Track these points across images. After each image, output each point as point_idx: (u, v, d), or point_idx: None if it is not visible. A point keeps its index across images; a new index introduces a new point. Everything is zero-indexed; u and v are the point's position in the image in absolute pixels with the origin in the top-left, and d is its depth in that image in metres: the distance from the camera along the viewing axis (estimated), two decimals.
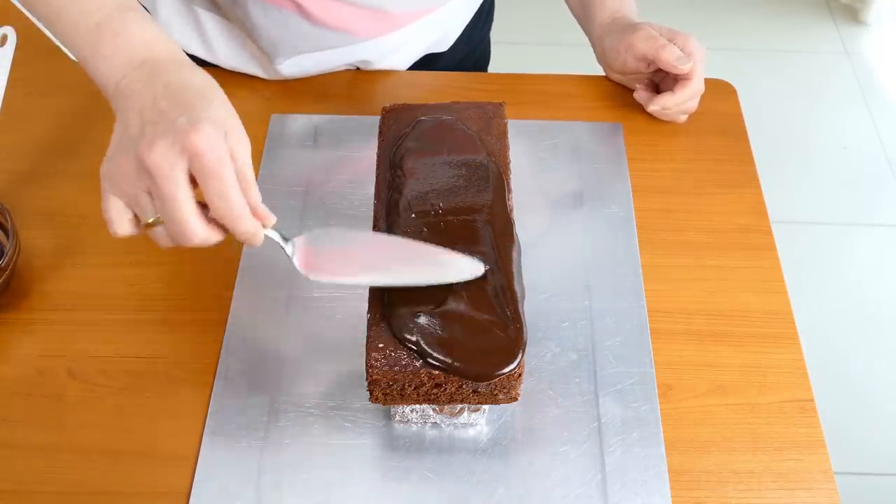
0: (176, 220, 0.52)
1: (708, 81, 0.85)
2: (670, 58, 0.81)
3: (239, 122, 0.55)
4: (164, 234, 0.55)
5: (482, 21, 1.03)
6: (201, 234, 0.53)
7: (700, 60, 0.82)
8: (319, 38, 0.83)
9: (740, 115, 0.88)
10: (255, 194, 0.55)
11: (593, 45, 0.91)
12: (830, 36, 2.30)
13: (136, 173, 0.52)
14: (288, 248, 0.58)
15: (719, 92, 0.90)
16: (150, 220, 0.54)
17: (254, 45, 0.86)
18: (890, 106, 2.12)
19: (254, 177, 0.55)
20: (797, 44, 2.28)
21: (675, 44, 0.82)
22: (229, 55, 0.88)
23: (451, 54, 0.98)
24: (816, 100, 2.13)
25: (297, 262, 0.58)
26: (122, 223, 0.55)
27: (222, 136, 0.52)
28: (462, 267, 0.58)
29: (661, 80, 0.86)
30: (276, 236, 0.58)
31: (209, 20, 0.86)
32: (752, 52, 2.24)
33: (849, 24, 2.33)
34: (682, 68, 0.81)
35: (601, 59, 0.90)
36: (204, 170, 0.51)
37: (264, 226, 0.56)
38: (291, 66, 0.87)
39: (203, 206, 0.54)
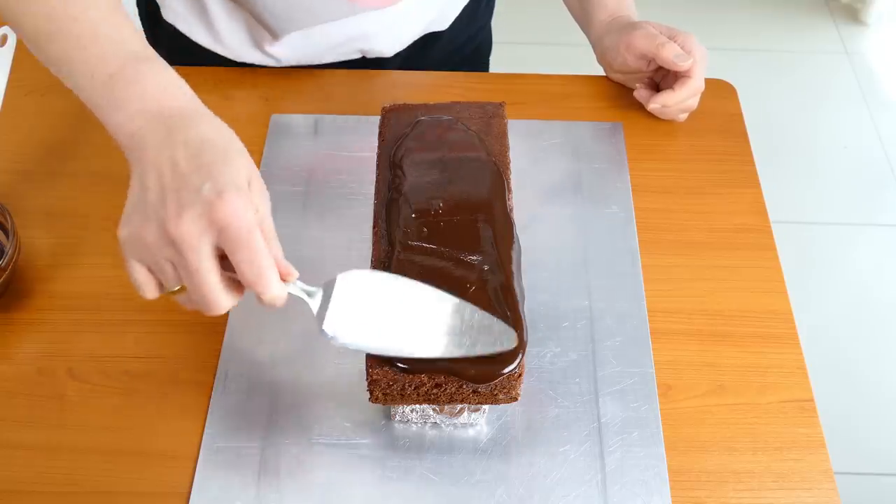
0: (202, 293, 0.51)
1: (708, 81, 0.85)
2: (669, 55, 0.81)
3: (258, 174, 0.54)
4: (188, 300, 0.54)
5: (482, 5, 1.03)
6: (226, 304, 0.53)
7: (701, 59, 0.82)
8: (321, 6, 0.83)
9: (740, 115, 0.88)
10: (277, 248, 0.54)
11: (593, 46, 0.91)
12: (830, 36, 2.30)
13: (159, 243, 0.51)
14: (313, 305, 0.55)
15: (719, 92, 0.90)
16: (176, 289, 0.53)
17: (257, 27, 0.86)
18: (890, 106, 2.12)
19: (274, 230, 0.54)
20: (797, 44, 2.28)
21: (675, 42, 0.82)
22: (232, 38, 0.88)
23: (451, 35, 0.98)
24: (816, 100, 2.13)
25: (320, 321, 0.54)
26: (150, 288, 0.54)
27: (248, 201, 0.51)
28: (496, 336, 0.55)
29: (662, 79, 0.86)
30: (300, 292, 0.54)
31: (212, 1, 0.86)
32: (752, 52, 2.24)
33: (849, 24, 2.33)
34: (681, 65, 0.81)
35: (601, 58, 0.90)
36: (232, 240, 0.50)
37: (285, 280, 0.54)
38: (293, 49, 0.87)
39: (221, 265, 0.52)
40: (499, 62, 1.13)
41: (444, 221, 0.62)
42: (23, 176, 0.81)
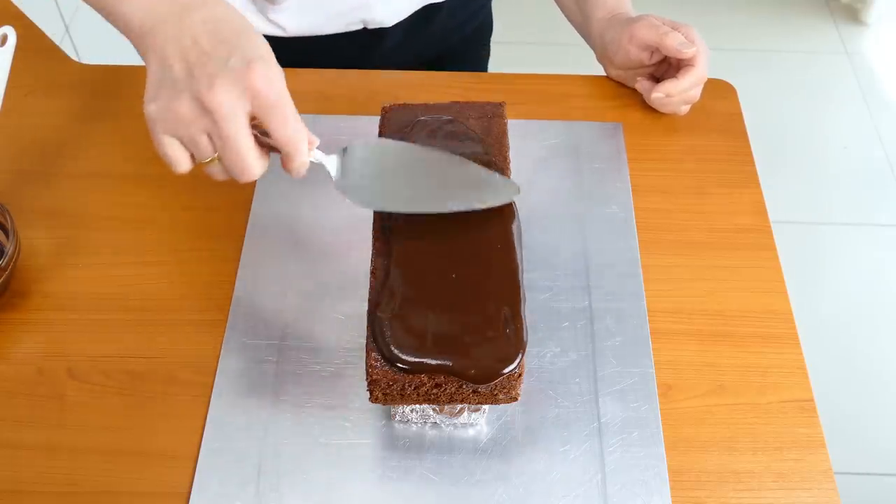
0: (238, 158, 0.55)
1: (708, 81, 0.85)
2: (674, 43, 0.81)
3: (272, 52, 0.56)
4: (220, 171, 0.57)
5: None
6: (259, 169, 0.56)
7: (704, 50, 0.82)
8: None
9: (740, 115, 0.88)
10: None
11: (593, 44, 0.91)
12: (830, 36, 2.30)
13: (194, 114, 0.53)
14: (332, 172, 0.59)
15: (719, 92, 0.90)
16: (208, 160, 0.56)
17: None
18: (890, 106, 2.12)
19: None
20: (797, 44, 2.28)
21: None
22: (237, 6, 0.88)
23: (450, 9, 0.98)
24: (816, 100, 2.13)
25: (338, 185, 0.59)
26: (183, 162, 0.56)
27: (275, 70, 0.54)
28: (499, 188, 0.59)
29: (664, 74, 0.86)
30: (319, 158, 0.59)
31: None
32: (752, 52, 2.24)
33: (849, 24, 2.33)
34: (686, 52, 0.81)
35: (602, 55, 0.90)
36: (266, 106, 0.53)
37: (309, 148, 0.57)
38: (294, 17, 0.88)
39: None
40: (499, 62, 1.13)
41: (444, 223, 0.62)
42: (22, 176, 0.81)
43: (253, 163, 0.55)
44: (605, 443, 0.64)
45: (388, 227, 0.62)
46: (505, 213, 0.63)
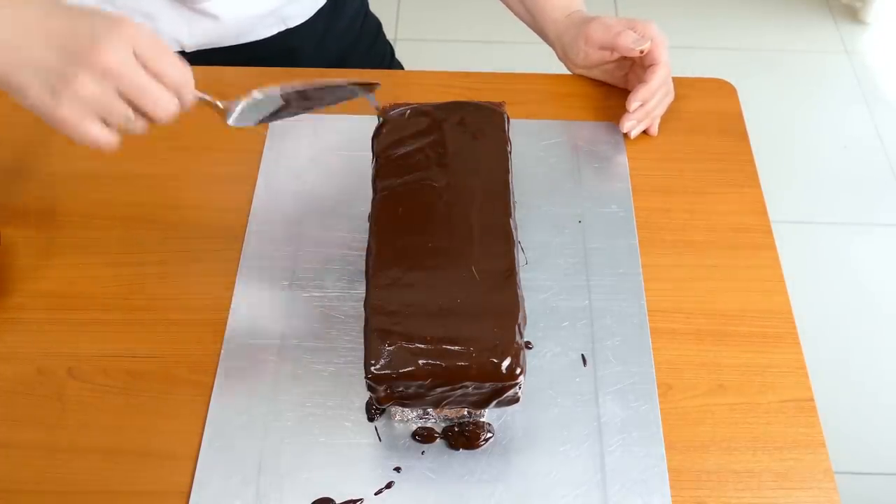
0: (153, 99, 0.57)
1: (708, 81, 0.85)
2: (627, 41, 0.81)
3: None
4: (141, 124, 0.59)
5: None
6: (174, 104, 0.59)
7: (662, 43, 0.82)
8: None
9: (740, 115, 0.88)
10: None
11: (552, 45, 0.92)
12: (830, 36, 2.30)
13: (98, 83, 0.56)
14: (221, 104, 0.63)
15: (719, 92, 0.90)
16: (126, 122, 0.58)
17: None
18: (890, 106, 2.11)
19: None
20: (797, 44, 2.28)
21: (634, 31, 0.82)
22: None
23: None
24: (816, 99, 2.13)
25: (228, 117, 0.64)
26: (111, 137, 0.58)
27: (138, 23, 0.57)
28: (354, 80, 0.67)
29: (630, 70, 0.86)
30: (208, 98, 0.63)
31: None
32: (752, 52, 2.24)
33: (849, 24, 2.33)
34: (640, 48, 0.81)
35: (563, 56, 0.91)
36: (144, 47, 0.56)
37: None
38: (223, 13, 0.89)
39: None
40: (499, 62, 1.13)
41: (441, 225, 0.62)
42: (21, 175, 0.81)
43: (167, 99, 0.58)
44: (605, 443, 0.64)
45: (384, 221, 0.62)
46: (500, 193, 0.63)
